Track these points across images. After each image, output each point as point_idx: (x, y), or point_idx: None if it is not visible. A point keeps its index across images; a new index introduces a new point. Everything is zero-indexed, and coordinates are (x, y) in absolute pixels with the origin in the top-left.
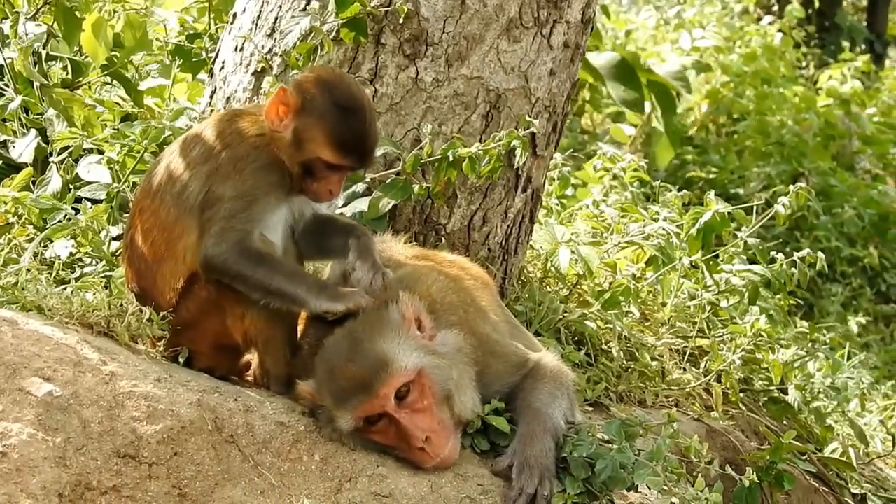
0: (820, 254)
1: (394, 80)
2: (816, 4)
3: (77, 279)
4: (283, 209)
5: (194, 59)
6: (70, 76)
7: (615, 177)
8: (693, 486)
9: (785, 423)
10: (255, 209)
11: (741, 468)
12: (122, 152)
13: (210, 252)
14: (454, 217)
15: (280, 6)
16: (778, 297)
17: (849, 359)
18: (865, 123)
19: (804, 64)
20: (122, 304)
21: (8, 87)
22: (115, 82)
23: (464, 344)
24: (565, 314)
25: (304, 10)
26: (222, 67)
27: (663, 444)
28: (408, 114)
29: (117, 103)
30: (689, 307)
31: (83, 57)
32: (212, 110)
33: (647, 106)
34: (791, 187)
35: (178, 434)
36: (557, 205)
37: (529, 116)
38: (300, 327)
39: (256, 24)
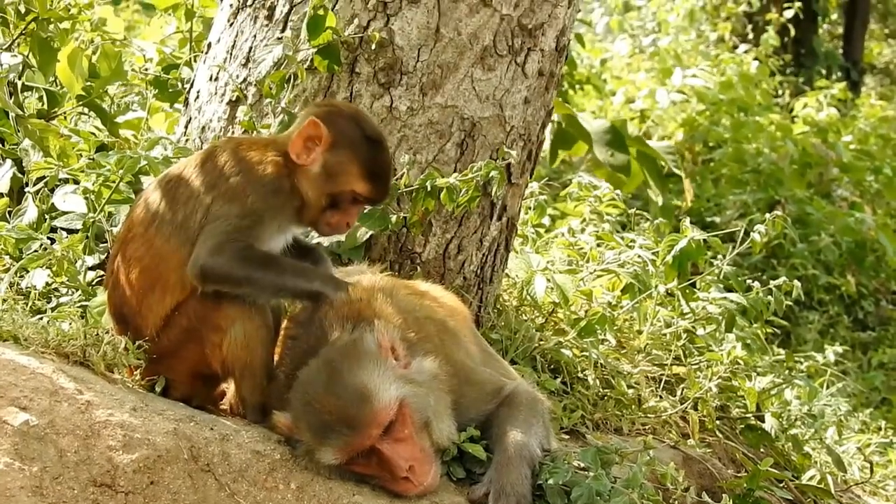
0: (796, 282)
1: (368, 109)
2: (792, 32)
3: (53, 309)
4: (283, 238)
5: (171, 90)
6: (45, 106)
7: (594, 211)
8: None
9: (762, 450)
10: (259, 229)
11: (718, 496)
12: (97, 182)
13: (209, 262)
14: (429, 246)
15: (254, 35)
16: (755, 325)
17: (827, 387)
18: (842, 151)
19: (780, 92)
20: (98, 334)
21: None
22: (90, 112)
23: (439, 371)
24: (541, 342)
25: (278, 38)
26: (197, 97)
27: (639, 472)
28: (383, 132)
29: (93, 133)
30: (665, 335)
31: (59, 87)
32: (187, 140)
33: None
34: (767, 215)
35: (154, 463)
36: (533, 233)
37: (504, 144)
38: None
39: (231, 54)
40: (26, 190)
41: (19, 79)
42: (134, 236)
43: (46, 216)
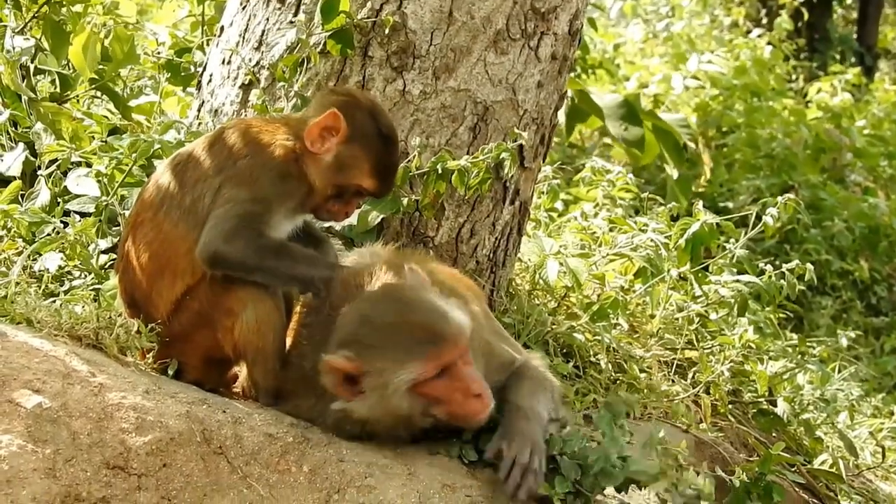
0: (809, 265)
1: (381, 93)
2: (806, 17)
3: (66, 292)
4: (290, 223)
5: (183, 74)
6: (58, 90)
7: (607, 195)
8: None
9: (774, 434)
10: (269, 215)
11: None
12: (110, 166)
13: (222, 249)
14: (442, 229)
15: (267, 19)
16: (767, 309)
17: (839, 372)
18: (856, 136)
19: (794, 77)
20: (110, 317)
21: None
22: (103, 96)
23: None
24: (553, 326)
25: (291, 22)
26: (210, 80)
27: (656, 435)
28: (395, 126)
29: (105, 116)
30: (677, 319)
31: (71, 71)
32: (199, 123)
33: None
34: (779, 198)
35: (166, 445)
36: (546, 218)
37: (517, 129)
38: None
39: (243, 38)
40: (39, 173)
41: (32, 62)
42: (143, 220)
43: (59, 199)
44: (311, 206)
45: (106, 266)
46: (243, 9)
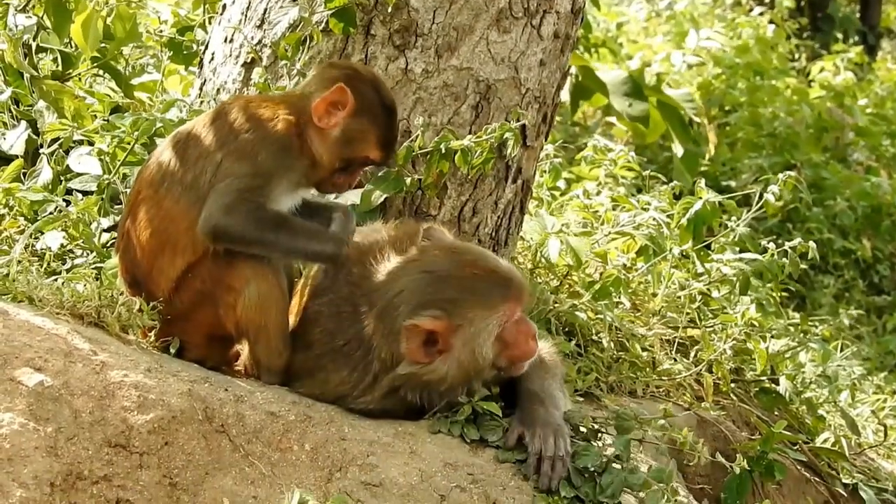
0: (811, 243)
1: (383, 71)
2: None
3: (68, 270)
4: (292, 197)
5: (185, 52)
6: (60, 68)
7: (609, 174)
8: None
9: (776, 413)
10: (269, 189)
11: (732, 458)
12: (112, 144)
13: (222, 222)
14: (444, 208)
15: None
16: (770, 287)
17: (841, 350)
18: (858, 115)
19: (796, 56)
20: (112, 295)
21: None
22: (105, 74)
23: None
24: (556, 305)
25: (293, 0)
26: (212, 59)
27: (673, 470)
28: (398, 105)
29: (107, 94)
30: (679, 297)
31: (73, 49)
32: (202, 102)
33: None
34: (780, 175)
35: (168, 424)
36: (549, 196)
37: (519, 107)
38: (292, 319)
39: (246, 15)
40: (41, 151)
41: (34, 40)
42: (144, 198)
43: (61, 178)
44: (314, 181)
45: (108, 244)
46: None
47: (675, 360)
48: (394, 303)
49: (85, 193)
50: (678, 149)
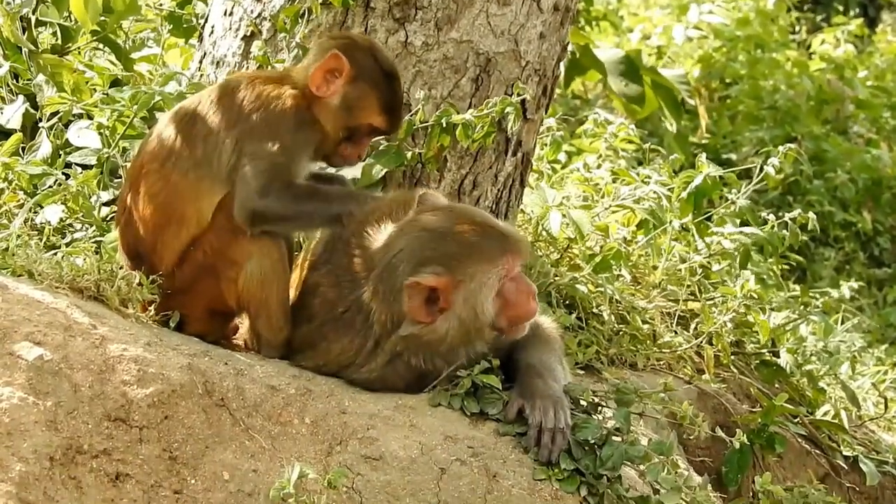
0: (811, 214)
1: (383, 44)
2: None
3: (67, 244)
4: (307, 170)
5: (185, 26)
6: (60, 42)
7: (610, 147)
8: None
9: (777, 385)
10: (294, 163)
11: (732, 431)
12: (111, 118)
13: (260, 205)
14: (444, 181)
15: None
16: (770, 260)
17: (842, 322)
18: (859, 88)
19: (797, 28)
20: (112, 269)
21: None
22: (105, 48)
23: None
24: (556, 278)
25: None
26: (212, 32)
27: (673, 443)
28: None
29: (106, 68)
30: (680, 270)
31: (73, 22)
32: (201, 75)
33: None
34: (780, 148)
35: (168, 398)
36: (549, 169)
37: (520, 80)
38: (292, 293)
39: None
40: (40, 125)
41: (33, 13)
42: (148, 172)
43: (60, 152)
44: (323, 154)
45: (108, 218)
46: None
47: (676, 332)
48: (393, 263)
49: (84, 167)
50: (671, 128)
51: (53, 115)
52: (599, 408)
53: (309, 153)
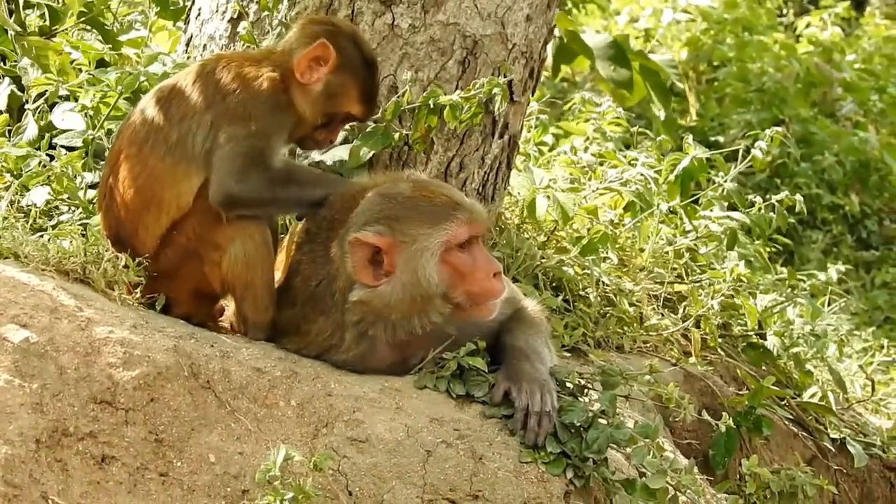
0: (798, 196)
1: (370, 27)
2: None
3: (54, 227)
4: (282, 153)
5: (172, 7)
6: (48, 23)
7: (597, 129)
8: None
9: (763, 368)
10: (270, 146)
11: (719, 413)
12: (96, 99)
13: (235, 189)
14: (431, 163)
15: None
16: (757, 242)
17: (829, 305)
18: (846, 70)
19: (784, 11)
20: (98, 251)
21: None
22: (92, 30)
23: None
24: (543, 260)
25: None
26: (199, 14)
27: (659, 426)
28: (384, 60)
29: (93, 47)
30: (667, 253)
31: (60, 3)
32: (188, 57)
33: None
34: (767, 131)
35: (154, 380)
36: (536, 151)
37: (506, 62)
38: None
39: None
40: (26, 107)
41: None
42: (127, 156)
43: (46, 134)
44: (297, 137)
45: (94, 200)
46: None
47: (663, 315)
48: (348, 225)
49: (70, 149)
50: (660, 113)
51: (40, 96)
52: (585, 390)
53: (284, 136)
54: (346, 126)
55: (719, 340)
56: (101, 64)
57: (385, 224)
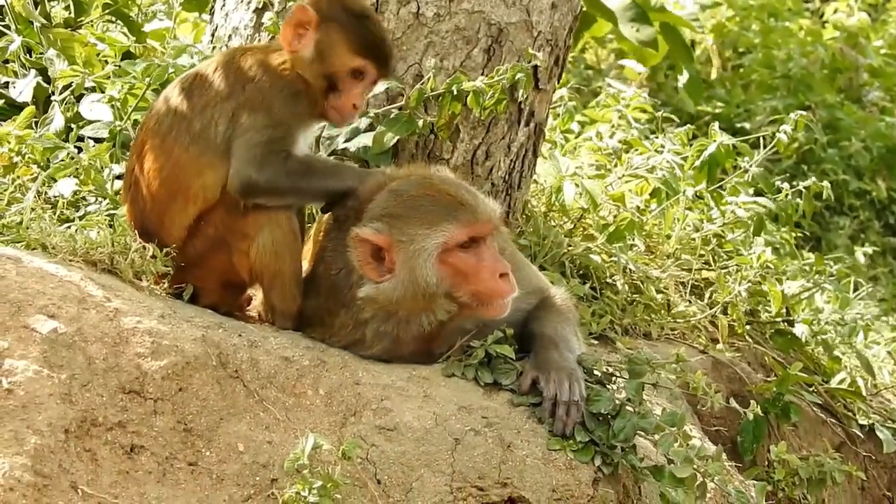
0: (825, 182)
1: (395, 16)
2: None
3: (81, 217)
4: (307, 138)
5: None
6: (73, 15)
7: (622, 116)
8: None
9: (791, 354)
10: (290, 135)
11: (747, 400)
12: (123, 90)
13: (255, 177)
14: (457, 151)
15: None
16: (784, 229)
17: (855, 289)
18: (872, 56)
19: None
20: (125, 242)
21: (9, 28)
22: (117, 22)
23: None
24: (570, 248)
25: None
26: (224, 5)
27: (685, 414)
28: (409, 49)
29: (118, 40)
30: (694, 239)
31: None
32: (214, 48)
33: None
34: (791, 115)
35: (182, 370)
36: (562, 139)
37: (532, 50)
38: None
39: None
40: (52, 99)
41: None
42: (151, 147)
43: (73, 125)
44: (318, 113)
45: (121, 191)
46: None
47: (690, 302)
48: (362, 218)
49: (97, 140)
50: (683, 77)
51: (66, 88)
52: (613, 378)
53: (305, 122)
54: (369, 95)
55: (747, 327)
56: (127, 55)
57: (386, 222)
